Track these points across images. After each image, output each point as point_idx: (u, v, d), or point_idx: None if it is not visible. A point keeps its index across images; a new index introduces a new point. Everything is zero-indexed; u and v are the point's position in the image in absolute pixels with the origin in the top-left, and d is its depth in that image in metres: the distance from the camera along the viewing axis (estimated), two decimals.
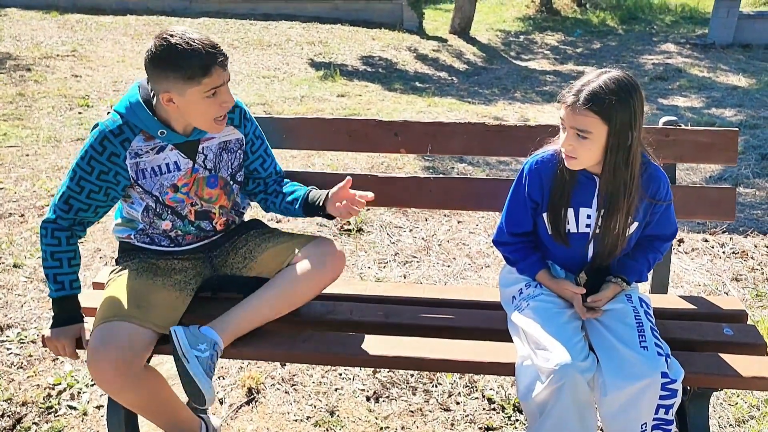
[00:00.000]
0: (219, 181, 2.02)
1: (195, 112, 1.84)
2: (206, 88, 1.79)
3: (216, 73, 1.79)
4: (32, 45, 8.82)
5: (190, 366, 1.78)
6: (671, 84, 8.63)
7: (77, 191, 1.90)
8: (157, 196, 1.95)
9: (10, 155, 4.90)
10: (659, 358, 1.73)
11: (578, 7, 14.53)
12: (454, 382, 2.55)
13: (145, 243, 2.06)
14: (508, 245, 2.04)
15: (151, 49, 1.78)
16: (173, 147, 1.93)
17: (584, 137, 1.73)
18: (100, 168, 1.88)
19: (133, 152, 1.89)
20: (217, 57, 1.78)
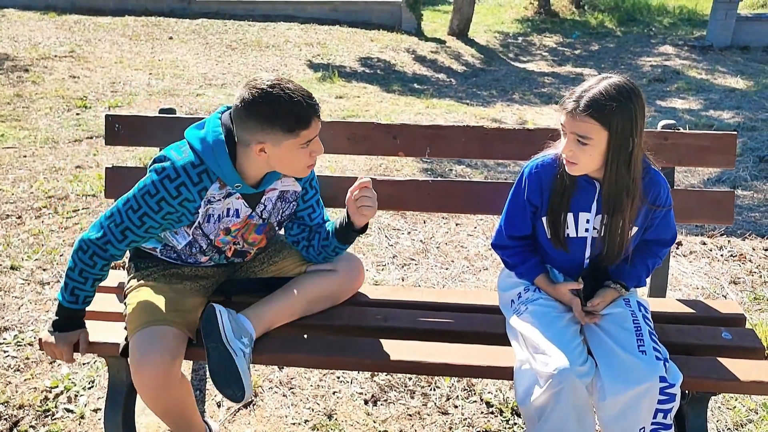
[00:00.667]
0: (267, 226, 2.02)
1: (287, 162, 1.81)
2: (303, 140, 1.76)
3: (314, 125, 1.77)
4: (30, 46, 8.81)
5: (237, 360, 1.78)
6: (669, 86, 8.64)
7: (137, 225, 1.83)
8: (212, 239, 1.94)
9: (8, 156, 4.89)
10: (657, 362, 1.73)
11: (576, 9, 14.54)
12: (453, 386, 2.55)
13: (170, 258, 2.05)
14: (506, 249, 2.04)
15: (246, 98, 1.72)
16: (240, 195, 1.90)
17: (584, 143, 1.73)
18: (168, 210, 1.82)
19: (206, 200, 1.85)
20: (316, 109, 1.76)
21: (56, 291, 3.13)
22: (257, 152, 1.77)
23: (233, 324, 1.82)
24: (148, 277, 2.01)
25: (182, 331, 1.84)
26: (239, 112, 1.75)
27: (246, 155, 1.81)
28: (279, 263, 2.12)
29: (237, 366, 1.78)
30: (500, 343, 1.96)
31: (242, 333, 1.84)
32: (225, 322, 1.81)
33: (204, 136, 1.82)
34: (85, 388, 2.51)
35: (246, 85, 1.75)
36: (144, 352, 1.76)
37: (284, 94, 1.71)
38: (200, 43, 9.71)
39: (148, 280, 1.99)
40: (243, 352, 1.80)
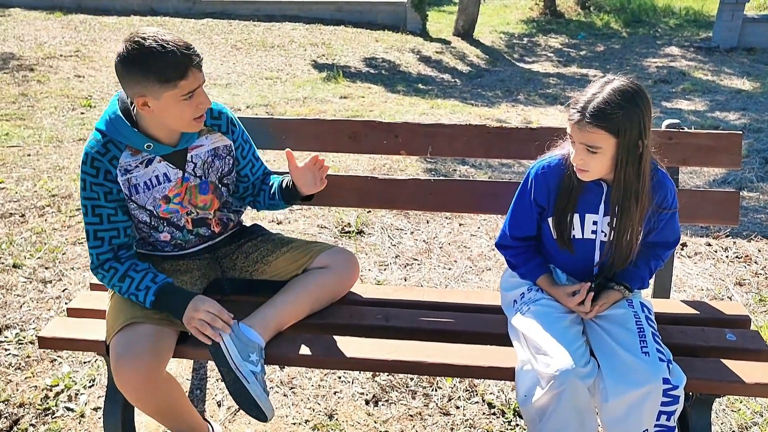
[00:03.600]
0: (209, 185, 1.99)
1: (171, 116, 1.78)
2: (183, 92, 1.73)
3: (192, 76, 1.73)
4: (36, 45, 8.82)
5: (251, 387, 1.77)
6: (675, 87, 8.60)
7: (97, 222, 1.84)
8: (151, 210, 1.91)
9: (12, 155, 4.89)
10: (661, 363, 1.71)
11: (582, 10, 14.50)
12: (454, 386, 2.53)
13: (147, 251, 2.04)
14: (510, 249, 2.02)
15: (122, 53, 1.70)
16: (161, 159, 1.88)
17: (594, 152, 1.71)
18: (103, 190, 1.83)
19: (122, 169, 1.84)
20: (192, 59, 1.72)
21: (58, 289, 3.13)
22: (141, 107, 1.75)
23: (238, 343, 1.79)
24: None
25: (165, 327, 1.81)
26: (118, 68, 1.73)
27: (142, 117, 1.81)
28: (273, 263, 2.10)
29: (251, 394, 1.76)
30: (502, 344, 1.95)
31: (250, 350, 1.80)
32: (229, 344, 1.78)
33: (103, 115, 1.85)
34: (86, 386, 2.51)
35: (123, 40, 1.73)
36: (121, 354, 1.74)
37: (157, 44, 1.68)
38: (205, 43, 9.71)
39: None
40: (254, 374, 1.78)
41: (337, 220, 3.91)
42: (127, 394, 1.78)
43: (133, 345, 1.74)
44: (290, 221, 3.92)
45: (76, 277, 3.23)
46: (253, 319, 1.90)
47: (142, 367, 1.73)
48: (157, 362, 1.76)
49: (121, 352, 1.74)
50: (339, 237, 3.75)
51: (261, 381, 1.80)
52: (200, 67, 1.76)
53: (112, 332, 1.80)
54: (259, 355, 1.83)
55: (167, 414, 1.91)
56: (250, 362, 1.79)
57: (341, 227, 3.85)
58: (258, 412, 1.80)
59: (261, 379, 1.81)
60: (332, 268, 2.07)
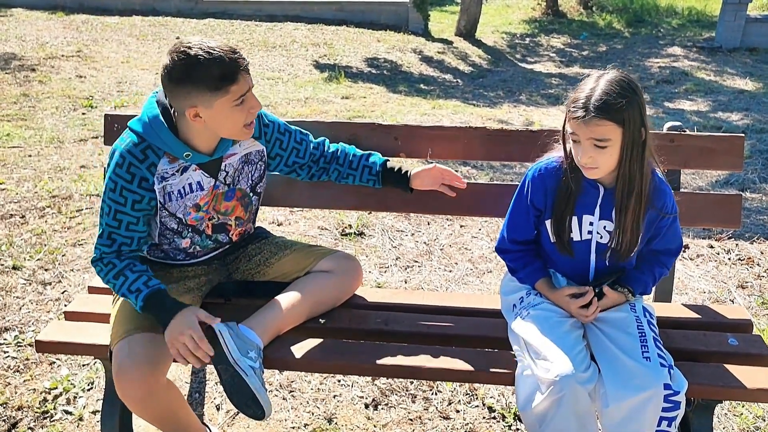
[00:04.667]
0: (236, 192, 1.98)
1: (224, 124, 1.77)
2: (234, 97, 1.72)
3: (243, 79, 1.72)
4: (37, 45, 8.82)
5: (250, 380, 1.74)
6: (677, 87, 8.57)
7: (115, 226, 1.82)
8: (181, 218, 1.90)
9: (13, 156, 4.89)
10: (662, 369, 1.69)
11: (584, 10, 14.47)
12: (454, 390, 2.52)
13: (158, 258, 2.02)
14: (509, 253, 2.01)
15: (168, 65, 1.68)
16: (197, 167, 1.86)
17: (604, 146, 1.70)
18: (133, 197, 1.80)
19: (159, 176, 1.81)
20: (240, 62, 1.71)
21: (58, 291, 3.12)
22: (192, 118, 1.73)
23: (237, 340, 1.78)
24: None
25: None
26: (165, 80, 1.71)
27: (186, 125, 1.78)
28: (275, 266, 2.09)
29: (250, 386, 1.74)
30: (502, 348, 1.94)
31: (248, 347, 1.79)
32: (228, 340, 1.77)
33: (141, 117, 1.81)
34: (84, 389, 2.50)
35: (168, 51, 1.71)
36: (122, 363, 1.73)
37: (203, 52, 1.66)
38: None
39: None
40: (253, 368, 1.76)
41: (338, 222, 3.90)
42: (128, 402, 1.78)
43: (134, 354, 1.73)
44: (291, 223, 3.91)
45: (75, 279, 3.22)
46: (253, 321, 1.89)
47: (143, 376, 1.72)
48: (157, 372, 1.75)
49: (122, 362, 1.73)
50: (339, 239, 3.74)
51: (259, 376, 1.79)
52: (248, 70, 1.75)
53: (115, 340, 1.79)
54: (258, 354, 1.82)
55: (166, 421, 1.90)
56: (248, 358, 1.78)
57: (342, 229, 3.83)
58: (256, 408, 1.76)
59: (259, 375, 1.79)
60: (335, 273, 2.06)
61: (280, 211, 3.98)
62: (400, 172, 2.14)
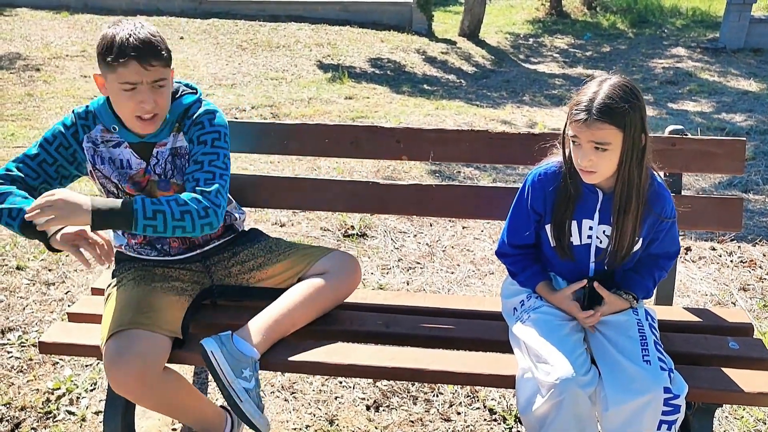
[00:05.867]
0: (171, 186, 1.99)
1: (116, 103, 1.85)
2: (121, 78, 1.77)
3: (132, 68, 1.75)
4: (42, 45, 8.85)
5: (244, 405, 1.77)
6: (681, 88, 8.56)
7: (33, 155, 1.92)
8: (116, 183, 1.94)
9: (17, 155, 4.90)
10: (662, 372, 1.70)
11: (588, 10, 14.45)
12: (455, 392, 2.53)
13: (135, 253, 2.05)
14: (509, 257, 2.02)
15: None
16: (128, 145, 1.93)
17: (604, 149, 1.71)
18: (61, 140, 1.93)
19: (90, 138, 1.93)
20: (135, 50, 1.74)
21: (61, 292, 3.14)
22: (100, 85, 1.85)
23: (230, 358, 1.78)
24: (119, 282, 2.00)
25: (155, 333, 1.81)
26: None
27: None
28: (270, 270, 2.08)
29: (244, 413, 1.77)
30: (502, 351, 1.94)
31: (243, 365, 1.80)
32: (221, 360, 1.77)
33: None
34: (87, 390, 2.51)
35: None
36: (112, 361, 1.74)
37: (117, 28, 1.78)
38: (211, 43, 9.72)
39: (118, 286, 1.98)
40: (247, 391, 1.78)
41: (340, 223, 3.91)
42: (125, 395, 1.80)
43: (122, 350, 1.74)
44: (293, 224, 3.92)
45: (79, 280, 3.24)
46: (247, 330, 1.88)
47: (133, 370, 1.73)
48: (148, 365, 1.75)
49: (111, 358, 1.75)
50: (342, 240, 3.75)
51: (255, 397, 1.80)
52: (147, 65, 1.77)
53: (103, 339, 1.80)
54: (253, 369, 1.82)
55: (173, 409, 1.93)
56: (243, 378, 1.78)
57: (344, 230, 3.84)
58: (253, 428, 1.81)
59: (255, 395, 1.80)
60: (332, 274, 2.04)
61: (283, 212, 3.99)
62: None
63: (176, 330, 1.87)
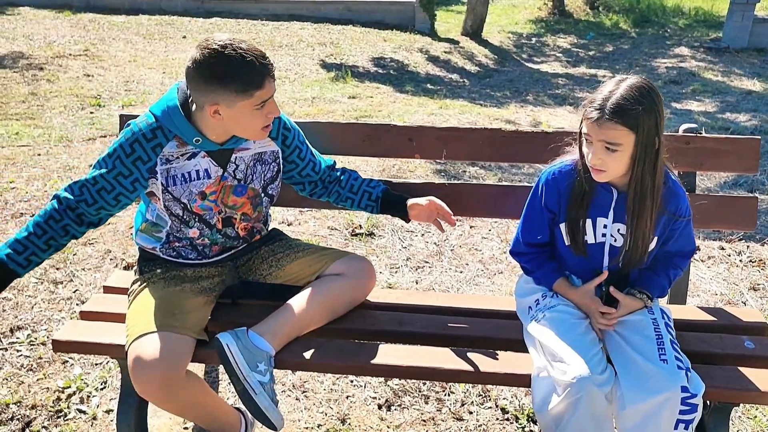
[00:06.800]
0: (248, 191, 1.99)
1: (241, 124, 1.80)
2: (257, 101, 1.75)
3: (268, 85, 1.75)
4: (45, 44, 8.84)
5: (258, 398, 1.77)
6: (685, 88, 8.55)
7: (92, 183, 1.85)
8: (185, 203, 1.91)
9: (22, 154, 4.90)
10: (679, 371, 1.69)
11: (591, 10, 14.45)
12: (467, 391, 2.52)
13: (170, 256, 2.03)
14: (524, 255, 2.01)
15: (197, 59, 1.70)
16: (205, 154, 1.88)
17: (614, 149, 1.70)
18: (121, 169, 1.83)
19: (164, 158, 1.85)
20: (269, 69, 1.74)
21: (69, 290, 3.13)
22: (211, 114, 1.76)
23: (245, 352, 1.78)
24: (148, 281, 1.99)
25: (183, 335, 1.81)
26: (191, 73, 1.73)
27: (203, 118, 1.81)
28: (287, 268, 2.09)
29: (259, 406, 1.76)
30: (517, 350, 1.94)
31: (258, 359, 1.79)
32: (236, 354, 1.78)
33: (161, 101, 1.85)
34: (98, 389, 2.50)
35: (198, 46, 1.73)
36: (138, 363, 1.74)
37: (236, 54, 1.69)
38: None
39: (147, 285, 1.97)
40: (262, 384, 1.77)
41: (348, 222, 3.90)
42: (149, 399, 1.79)
43: (149, 353, 1.74)
44: (300, 222, 3.91)
45: (87, 278, 3.23)
46: (264, 326, 1.89)
47: (159, 374, 1.72)
48: (174, 368, 1.75)
49: (137, 360, 1.74)
50: (349, 239, 3.74)
51: (269, 390, 1.80)
52: (274, 76, 1.77)
53: (130, 339, 1.79)
54: (268, 363, 1.82)
55: (192, 412, 1.93)
56: (258, 372, 1.78)
57: (352, 229, 3.84)
58: (267, 422, 1.80)
59: (269, 389, 1.80)
60: (348, 276, 2.04)
61: (290, 211, 3.99)
62: (398, 202, 2.15)
63: (201, 332, 1.87)
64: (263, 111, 1.79)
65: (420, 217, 2.14)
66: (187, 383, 1.81)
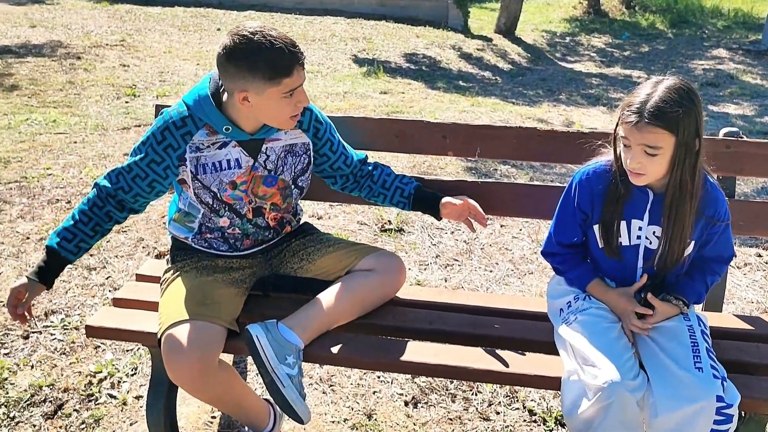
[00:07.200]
0: (278, 182, 1.99)
1: (269, 112, 1.81)
2: (286, 89, 1.75)
3: (297, 74, 1.75)
4: (83, 34, 8.98)
5: (286, 391, 1.77)
6: (722, 91, 8.40)
7: (127, 170, 1.90)
8: (215, 192, 1.92)
9: (59, 142, 4.98)
10: (715, 380, 1.66)
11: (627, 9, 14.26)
12: (495, 391, 2.50)
13: (202, 247, 2.05)
14: (557, 256, 1.99)
15: (228, 45, 1.72)
16: (236, 144, 1.90)
17: (654, 153, 1.67)
18: (153, 156, 1.87)
19: (194, 146, 1.87)
20: (299, 57, 1.74)
21: (102, 277, 3.18)
22: (240, 101, 1.77)
23: (274, 344, 1.79)
24: (181, 270, 2.01)
25: (214, 324, 1.82)
26: (221, 59, 1.74)
27: (232, 104, 1.83)
28: (318, 262, 2.09)
29: (286, 398, 1.77)
30: (548, 352, 1.92)
31: (287, 351, 1.80)
32: (265, 345, 1.78)
33: (193, 90, 1.88)
34: (128, 374, 2.54)
35: (229, 32, 1.74)
36: (173, 350, 1.75)
37: (266, 40, 1.69)
38: None
39: (180, 274, 1.99)
40: (290, 377, 1.78)
41: (378, 217, 3.90)
42: (182, 386, 1.81)
43: (183, 341, 1.75)
44: (330, 217, 3.92)
45: (119, 265, 3.28)
46: (294, 319, 1.89)
47: (192, 362, 1.74)
48: (207, 357, 1.76)
49: (171, 348, 1.75)
50: (378, 234, 3.74)
51: (297, 384, 1.80)
52: (303, 65, 1.78)
53: (163, 328, 1.81)
54: (297, 357, 1.82)
55: (223, 401, 1.94)
56: (286, 365, 1.78)
57: (381, 224, 3.83)
58: (294, 415, 1.80)
59: (297, 382, 1.80)
60: (378, 272, 2.04)
61: (320, 205, 4.00)
62: (431, 199, 2.14)
63: (233, 322, 1.88)
64: (292, 100, 1.79)
65: (452, 215, 2.14)
66: (220, 372, 1.82)
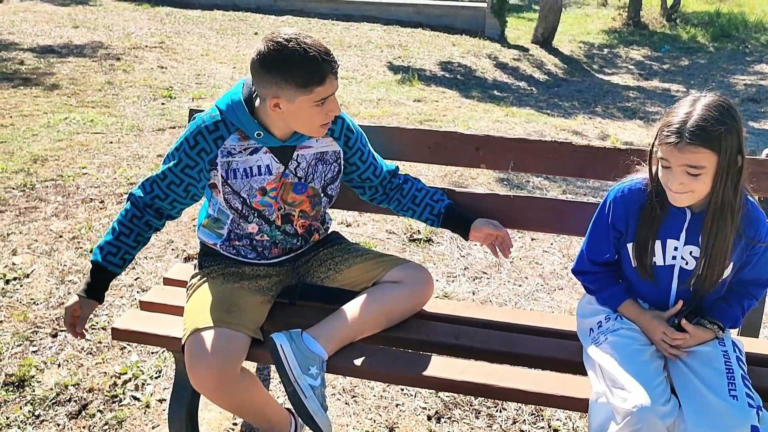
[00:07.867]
0: (308, 190, 1.99)
1: (300, 120, 1.81)
2: (317, 97, 1.75)
3: (329, 83, 1.75)
4: (123, 35, 9.13)
5: (308, 402, 1.76)
6: (764, 107, 8.21)
7: (161, 178, 1.91)
8: (245, 198, 1.92)
9: (95, 141, 5.06)
10: (750, 409, 1.60)
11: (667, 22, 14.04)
12: (519, 409, 2.46)
13: (230, 254, 2.05)
14: (588, 274, 1.94)
15: (262, 51, 1.72)
16: (267, 150, 1.89)
17: (697, 173, 1.62)
18: (187, 161, 1.87)
19: (225, 151, 1.87)
20: (332, 65, 1.74)
21: (131, 278, 3.20)
22: (272, 107, 1.77)
23: (298, 354, 1.78)
24: (208, 276, 2.01)
25: (238, 332, 1.81)
26: (255, 65, 1.75)
27: (263, 110, 1.83)
28: (345, 272, 2.07)
29: (308, 409, 1.75)
30: (576, 372, 1.87)
31: (310, 362, 1.78)
32: (289, 355, 1.77)
33: (226, 95, 1.89)
34: (153, 377, 2.55)
35: (264, 38, 1.75)
36: (195, 357, 1.75)
37: (300, 48, 1.69)
38: None
39: (207, 280, 1.99)
40: (312, 388, 1.76)
41: (406, 227, 3.88)
42: (203, 393, 1.80)
43: (205, 348, 1.75)
44: (359, 224, 3.90)
45: (148, 267, 3.30)
46: (319, 330, 1.87)
47: (214, 369, 1.73)
48: (229, 364, 1.76)
49: (194, 355, 1.75)
50: (407, 244, 3.71)
51: (320, 395, 1.78)
52: (337, 74, 1.77)
53: (187, 333, 1.81)
54: (320, 368, 1.81)
55: (243, 410, 1.94)
56: (309, 375, 1.77)
57: (410, 234, 3.81)
58: (315, 427, 1.79)
59: (320, 393, 1.79)
60: (405, 284, 2.01)
61: (350, 213, 3.98)
62: (462, 220, 2.13)
63: (257, 330, 1.87)
64: (323, 108, 1.79)
65: (478, 238, 2.15)
66: (242, 380, 1.81)
